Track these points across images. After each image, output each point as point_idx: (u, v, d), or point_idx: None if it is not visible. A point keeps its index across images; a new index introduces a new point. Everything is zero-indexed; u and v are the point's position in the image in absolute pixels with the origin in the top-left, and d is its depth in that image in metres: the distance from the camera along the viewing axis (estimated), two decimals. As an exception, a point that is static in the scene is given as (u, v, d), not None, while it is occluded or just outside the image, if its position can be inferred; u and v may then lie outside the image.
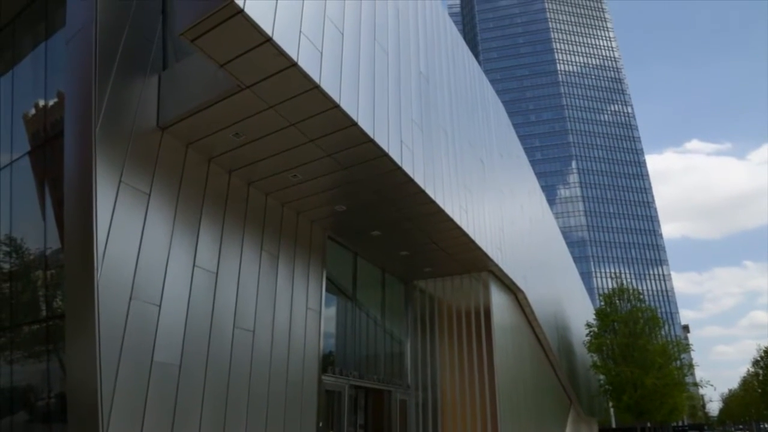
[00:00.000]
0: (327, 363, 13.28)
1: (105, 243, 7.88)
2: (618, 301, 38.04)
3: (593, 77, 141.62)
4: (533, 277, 22.55)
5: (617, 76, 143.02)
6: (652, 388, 32.84)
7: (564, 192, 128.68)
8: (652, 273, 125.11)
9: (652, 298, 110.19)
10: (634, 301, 37.58)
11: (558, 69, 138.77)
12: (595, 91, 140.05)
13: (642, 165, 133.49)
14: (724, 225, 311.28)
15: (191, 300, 9.33)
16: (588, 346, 38.08)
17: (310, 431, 11.82)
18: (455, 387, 16.99)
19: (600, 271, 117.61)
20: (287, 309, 11.81)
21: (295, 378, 11.63)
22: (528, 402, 21.33)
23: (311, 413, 11.96)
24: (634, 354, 34.22)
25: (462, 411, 16.62)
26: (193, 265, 9.52)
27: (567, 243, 44.18)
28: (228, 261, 10.35)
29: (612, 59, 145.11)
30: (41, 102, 10.29)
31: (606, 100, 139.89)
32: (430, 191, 11.82)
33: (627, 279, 48.03)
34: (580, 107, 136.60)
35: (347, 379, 14.03)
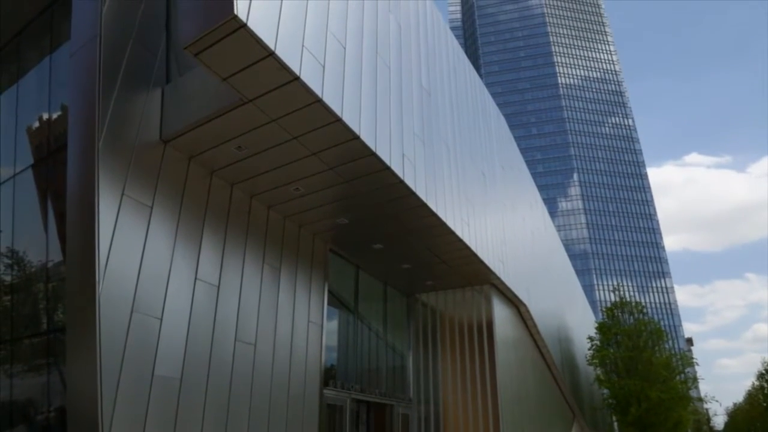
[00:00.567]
0: (328, 376, 13.20)
1: (107, 256, 7.87)
2: (620, 315, 37.81)
3: (594, 90, 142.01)
4: (535, 290, 22.47)
5: (618, 89, 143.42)
6: (657, 401, 32.55)
7: (566, 204, 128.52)
8: (654, 285, 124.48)
9: (654, 310, 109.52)
10: (636, 314, 37.36)
11: (559, 82, 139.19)
12: (596, 104, 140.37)
13: (643, 177, 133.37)
14: (725, 238, 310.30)
15: (192, 313, 9.31)
16: (590, 359, 37.83)
17: (311, 446, 11.73)
18: (457, 401, 16.87)
19: (602, 284, 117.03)
20: (289, 322, 11.77)
21: (297, 392, 11.56)
22: (531, 416, 21.15)
23: (312, 427, 11.86)
24: (638, 367, 33.96)
25: (464, 425, 16.47)
26: (195, 278, 9.50)
27: (569, 256, 44.07)
28: (230, 274, 10.33)
29: (613, 72, 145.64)
30: (45, 115, 10.34)
31: (607, 112, 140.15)
32: (431, 204, 11.82)
33: (629, 292, 47.83)
34: (581, 120, 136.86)
35: (349, 393, 13.94)
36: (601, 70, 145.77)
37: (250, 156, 9.70)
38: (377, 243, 13.85)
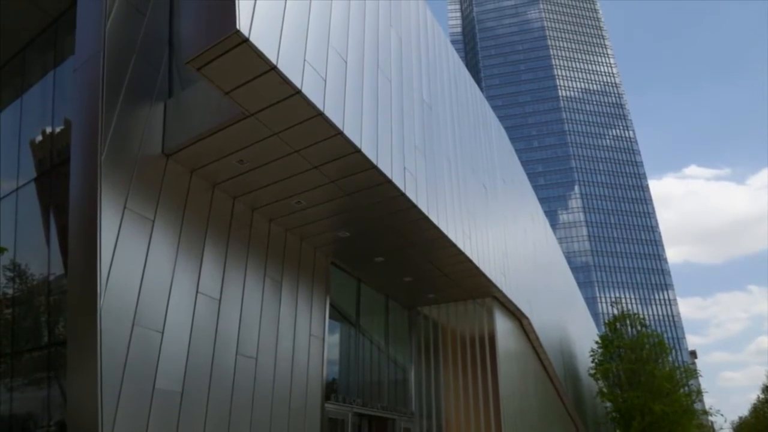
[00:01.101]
0: (330, 390, 13.14)
1: (108, 269, 7.88)
2: (621, 328, 37.62)
3: (595, 102, 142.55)
4: (537, 303, 22.39)
5: (618, 101, 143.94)
6: (660, 414, 32.27)
7: (567, 217, 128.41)
8: (657, 298, 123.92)
9: (657, 323, 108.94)
10: (639, 327, 37.17)
11: (560, 95, 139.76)
12: (597, 116, 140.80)
13: (645, 189, 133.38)
14: (726, 250, 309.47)
15: (194, 326, 9.29)
16: (592, 372, 37.59)
17: (312, 460, 11.64)
18: (460, 415, 16.74)
19: (605, 297, 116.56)
20: (290, 336, 11.73)
21: (298, 405, 11.50)
22: (534, 429, 20.97)
23: (314, 442, 11.79)
24: (640, 380, 33.72)
25: (467, 439, 16.34)
26: (197, 292, 9.49)
27: (571, 268, 43.93)
28: (231, 287, 10.32)
29: (613, 84, 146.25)
30: (48, 129, 10.41)
31: (608, 125, 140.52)
32: (433, 217, 11.83)
33: (632, 304, 47.65)
34: (582, 132, 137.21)
35: (350, 407, 13.85)
36: (602, 82, 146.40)
37: (251, 169, 9.74)
38: (379, 256, 13.85)
